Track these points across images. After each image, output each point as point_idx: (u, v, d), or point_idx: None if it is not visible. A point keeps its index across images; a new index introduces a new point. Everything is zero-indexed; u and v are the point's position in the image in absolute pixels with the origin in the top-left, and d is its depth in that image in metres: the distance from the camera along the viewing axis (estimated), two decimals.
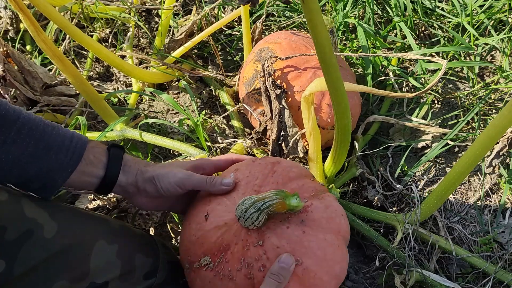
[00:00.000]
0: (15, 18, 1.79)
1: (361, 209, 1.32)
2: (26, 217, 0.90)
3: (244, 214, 0.88)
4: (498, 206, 1.43)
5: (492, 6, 1.75)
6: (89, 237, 0.99)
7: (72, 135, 0.97)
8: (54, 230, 0.93)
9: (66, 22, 1.35)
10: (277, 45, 1.42)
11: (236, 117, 1.56)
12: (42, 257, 0.89)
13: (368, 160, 1.52)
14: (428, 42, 1.75)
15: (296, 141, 1.32)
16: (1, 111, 0.88)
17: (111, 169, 0.99)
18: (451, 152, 1.55)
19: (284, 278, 0.84)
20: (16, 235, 0.88)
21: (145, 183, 1.02)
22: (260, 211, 0.87)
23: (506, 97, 1.62)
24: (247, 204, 0.88)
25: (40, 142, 0.91)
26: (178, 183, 1.01)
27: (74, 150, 0.95)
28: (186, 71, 1.62)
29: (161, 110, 1.70)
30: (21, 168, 0.90)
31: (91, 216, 1.04)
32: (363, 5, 1.79)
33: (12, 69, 1.51)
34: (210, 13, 1.77)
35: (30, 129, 0.91)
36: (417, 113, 1.58)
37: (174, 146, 1.40)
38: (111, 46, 1.81)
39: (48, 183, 0.94)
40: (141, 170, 1.02)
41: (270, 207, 0.87)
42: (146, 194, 1.04)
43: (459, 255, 1.26)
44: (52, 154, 0.92)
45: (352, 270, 1.34)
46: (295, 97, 1.35)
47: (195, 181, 1.02)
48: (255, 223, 0.88)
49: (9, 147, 0.88)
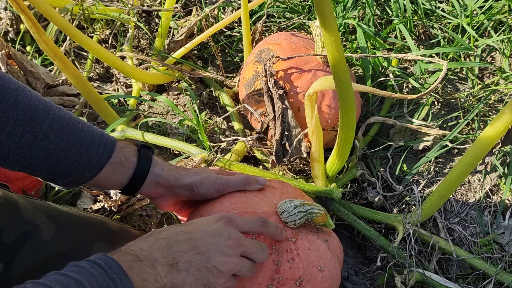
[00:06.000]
0: (15, 19, 1.79)
1: (362, 209, 1.32)
2: (24, 219, 0.90)
3: (292, 210, 0.98)
4: (498, 207, 1.43)
5: (492, 7, 1.75)
6: (87, 239, 0.99)
7: (102, 132, 0.96)
8: (52, 232, 0.93)
9: (67, 23, 1.35)
10: (277, 46, 1.42)
11: (236, 118, 1.56)
12: (40, 259, 0.89)
13: (368, 161, 1.52)
14: (428, 43, 1.75)
15: (299, 141, 1.32)
16: (32, 106, 0.86)
17: (141, 170, 0.98)
18: (451, 153, 1.55)
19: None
20: (14, 237, 0.88)
21: (179, 188, 1.01)
22: (305, 214, 0.98)
23: (506, 98, 1.62)
24: (297, 203, 0.99)
25: (71, 138, 0.90)
26: (218, 188, 1.02)
27: (105, 147, 0.94)
28: (186, 72, 1.62)
29: (161, 111, 1.70)
30: (52, 164, 0.89)
31: (89, 218, 1.04)
32: (363, 6, 1.79)
33: (14, 70, 1.51)
34: (210, 14, 1.77)
35: (61, 125, 0.89)
36: (418, 114, 1.58)
37: (175, 146, 1.40)
38: (111, 47, 1.82)
39: (76, 178, 0.93)
40: (175, 176, 1.01)
41: (314, 214, 1.00)
42: (175, 197, 1.04)
43: (459, 256, 1.26)
44: (83, 150, 0.91)
45: (353, 271, 1.34)
46: (295, 97, 1.35)
47: (234, 184, 1.03)
48: (296, 221, 0.98)
49: (40, 143, 0.87)
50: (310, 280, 0.94)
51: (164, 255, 0.79)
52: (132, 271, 0.73)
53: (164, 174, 1.00)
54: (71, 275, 0.68)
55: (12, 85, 0.85)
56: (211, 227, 0.86)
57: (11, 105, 0.83)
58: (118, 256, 0.75)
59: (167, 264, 0.78)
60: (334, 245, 1.05)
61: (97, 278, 0.69)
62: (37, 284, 0.67)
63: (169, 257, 0.79)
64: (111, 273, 0.71)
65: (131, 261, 0.75)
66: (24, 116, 0.84)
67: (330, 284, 0.98)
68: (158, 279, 0.76)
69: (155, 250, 0.79)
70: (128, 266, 0.73)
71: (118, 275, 0.71)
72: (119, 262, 0.73)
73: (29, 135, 0.85)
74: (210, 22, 1.77)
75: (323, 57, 1.39)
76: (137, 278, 0.73)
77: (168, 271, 0.78)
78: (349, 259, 1.36)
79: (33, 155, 0.86)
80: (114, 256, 0.74)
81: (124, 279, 0.71)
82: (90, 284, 0.68)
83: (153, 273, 0.76)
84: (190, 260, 0.80)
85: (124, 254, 0.76)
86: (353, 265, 1.36)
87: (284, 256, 0.94)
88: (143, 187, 0.99)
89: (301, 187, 1.24)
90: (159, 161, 1.02)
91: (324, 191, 1.25)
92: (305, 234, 1.00)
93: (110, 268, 0.71)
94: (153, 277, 0.75)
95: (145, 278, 0.74)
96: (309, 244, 0.98)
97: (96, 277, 0.69)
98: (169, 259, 0.79)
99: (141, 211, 1.35)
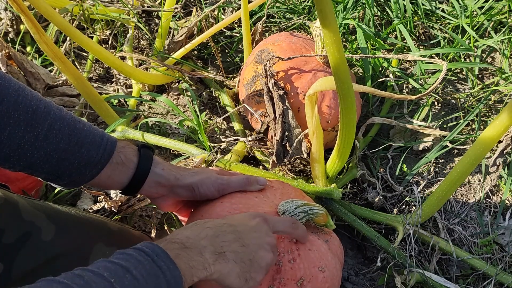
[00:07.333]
0: (15, 19, 1.79)
1: (362, 210, 1.32)
2: (24, 219, 0.90)
3: (293, 210, 0.99)
4: (498, 207, 1.43)
5: (492, 8, 1.75)
6: (88, 239, 0.98)
7: (103, 133, 0.96)
8: (52, 233, 0.93)
9: (67, 24, 1.35)
10: (277, 46, 1.42)
11: (236, 119, 1.56)
12: (40, 260, 0.89)
13: (368, 162, 1.52)
14: (428, 44, 1.75)
15: (300, 141, 1.33)
16: (32, 107, 0.86)
17: (142, 170, 0.98)
18: (451, 154, 1.55)
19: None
20: (14, 238, 0.88)
21: (180, 189, 1.01)
22: (306, 214, 0.99)
23: (506, 99, 1.62)
24: (298, 203, 1.00)
25: (72, 138, 0.90)
26: (218, 188, 1.02)
27: (106, 147, 0.93)
28: (186, 72, 1.62)
29: (161, 111, 1.70)
30: (53, 164, 0.89)
31: (89, 219, 1.04)
32: (363, 6, 1.79)
33: (14, 70, 1.51)
34: (210, 15, 1.77)
35: (62, 125, 0.89)
36: (418, 115, 1.58)
37: (175, 146, 1.40)
38: (111, 48, 1.82)
39: (76, 178, 0.93)
40: (175, 176, 1.01)
41: (315, 215, 1.00)
42: (175, 197, 1.04)
43: (459, 256, 1.26)
44: (84, 151, 0.91)
45: (353, 271, 1.34)
46: (295, 98, 1.35)
47: (235, 184, 1.03)
48: None
49: (41, 143, 0.87)
50: (311, 281, 0.94)
51: (212, 243, 0.78)
52: (179, 258, 0.72)
53: (165, 174, 1.00)
54: (118, 262, 0.68)
55: (12, 85, 0.85)
56: (252, 223, 0.87)
57: (11, 105, 0.83)
58: (164, 244, 0.74)
59: (215, 252, 0.78)
60: (334, 245, 1.05)
61: (145, 265, 0.69)
62: (85, 271, 0.66)
63: (217, 245, 0.79)
64: (158, 261, 0.70)
65: (178, 249, 0.74)
66: (24, 117, 0.84)
67: (331, 284, 0.98)
68: (207, 267, 0.75)
69: (202, 238, 0.78)
70: (175, 254, 0.73)
71: (165, 262, 0.70)
72: (166, 250, 0.72)
73: (30, 135, 0.85)
74: (210, 23, 1.77)
75: (323, 58, 1.39)
76: (184, 266, 0.72)
77: (216, 259, 0.77)
78: (349, 259, 1.36)
79: (34, 155, 0.86)
80: (160, 245, 0.74)
81: (172, 267, 0.70)
82: (138, 271, 0.68)
83: (201, 260, 0.75)
84: (236, 251, 0.80)
85: (171, 243, 0.75)
86: (353, 265, 1.36)
87: (285, 257, 0.95)
88: (144, 187, 0.99)
89: (302, 188, 1.24)
90: (160, 161, 1.02)
91: (325, 192, 1.25)
92: None
93: (157, 256, 0.71)
94: (201, 264, 0.75)
95: (192, 265, 0.74)
96: (310, 245, 0.98)
97: (143, 264, 0.69)
98: (217, 248, 0.78)
99: (141, 211, 1.35)
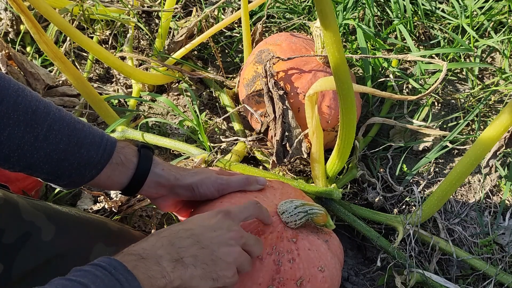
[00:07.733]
0: (15, 19, 1.79)
1: (362, 210, 1.32)
2: (24, 220, 0.90)
3: (292, 210, 0.98)
4: (498, 207, 1.43)
5: (492, 8, 1.75)
6: (88, 239, 0.98)
7: (102, 133, 0.96)
8: (52, 233, 0.93)
9: (67, 24, 1.35)
10: (277, 46, 1.42)
11: (236, 119, 1.56)
12: (40, 260, 0.89)
13: (368, 162, 1.52)
14: (428, 44, 1.75)
15: (300, 141, 1.33)
16: (32, 107, 0.86)
17: (142, 170, 0.98)
18: (451, 154, 1.55)
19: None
20: (14, 238, 0.88)
21: (180, 189, 1.01)
22: (306, 214, 0.98)
23: (506, 99, 1.62)
24: (297, 203, 0.99)
25: (72, 139, 0.90)
26: (218, 188, 1.02)
27: (105, 148, 0.93)
28: (186, 72, 1.62)
29: (161, 112, 1.70)
30: (53, 165, 0.89)
31: (90, 219, 1.04)
32: (363, 6, 1.79)
33: (14, 71, 1.51)
34: (210, 15, 1.77)
35: (62, 126, 0.89)
36: (418, 115, 1.58)
37: (175, 146, 1.40)
38: (111, 48, 1.82)
39: (76, 179, 0.93)
40: (175, 176, 1.01)
41: (315, 215, 0.99)
42: (175, 197, 1.04)
43: (459, 257, 1.26)
44: (84, 151, 0.91)
45: (353, 271, 1.34)
46: (295, 98, 1.35)
47: (235, 184, 1.03)
48: (296, 221, 0.98)
49: (41, 144, 0.86)
50: (311, 280, 0.94)
51: (168, 251, 0.78)
52: (137, 269, 0.72)
53: (165, 174, 1.00)
54: (76, 279, 0.68)
55: (12, 86, 0.85)
56: (211, 222, 0.86)
57: (11, 106, 0.83)
58: (121, 257, 0.74)
59: (172, 260, 0.77)
60: (334, 245, 1.05)
61: (103, 279, 0.69)
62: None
63: (173, 253, 0.78)
64: (116, 274, 0.70)
65: (135, 260, 0.74)
66: (24, 117, 0.84)
67: (331, 284, 0.98)
68: (165, 275, 0.75)
69: (158, 248, 0.78)
70: (132, 266, 0.72)
71: (123, 275, 0.70)
72: (123, 263, 0.72)
73: (30, 135, 0.85)
74: (210, 23, 1.77)
75: (323, 58, 1.39)
76: (143, 276, 0.72)
77: (174, 267, 0.77)
78: (349, 259, 1.36)
79: (34, 155, 0.86)
80: (117, 258, 0.73)
81: (130, 278, 0.70)
82: (96, 286, 0.67)
83: (159, 269, 0.75)
84: (195, 255, 0.80)
85: (127, 255, 0.75)
86: (353, 265, 1.36)
87: (285, 256, 0.95)
88: (144, 187, 0.99)
89: (301, 188, 1.24)
90: (160, 161, 1.02)
91: (324, 192, 1.25)
92: (305, 234, 1.00)
93: (115, 269, 0.70)
94: (160, 273, 0.75)
95: (151, 275, 0.73)
96: (309, 245, 0.98)
97: (102, 279, 0.69)
98: (174, 255, 0.78)
99: (141, 211, 1.35)
